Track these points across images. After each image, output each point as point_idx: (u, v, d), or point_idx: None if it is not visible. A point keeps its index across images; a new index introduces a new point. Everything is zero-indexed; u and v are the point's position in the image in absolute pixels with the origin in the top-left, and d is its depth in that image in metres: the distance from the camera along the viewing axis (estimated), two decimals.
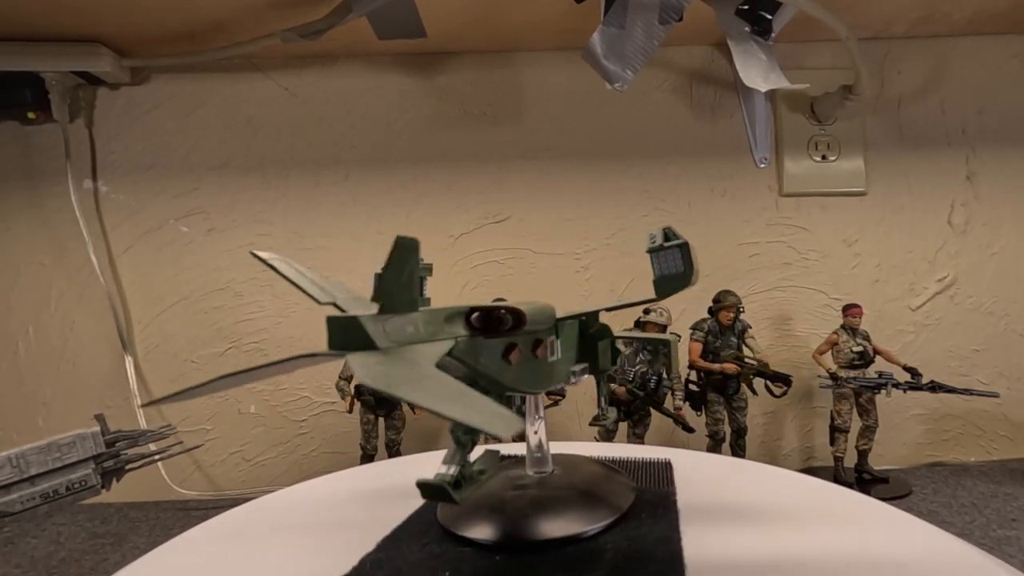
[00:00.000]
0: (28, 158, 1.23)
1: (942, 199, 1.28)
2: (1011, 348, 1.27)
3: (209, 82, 1.24)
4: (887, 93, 1.28)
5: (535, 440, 0.47)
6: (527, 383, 0.39)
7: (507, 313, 0.33)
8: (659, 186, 1.27)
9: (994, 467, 1.22)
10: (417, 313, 0.30)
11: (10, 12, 1.01)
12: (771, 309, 1.28)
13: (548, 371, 0.41)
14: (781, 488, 0.50)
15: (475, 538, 0.40)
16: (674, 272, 0.41)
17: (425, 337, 0.30)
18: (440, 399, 0.24)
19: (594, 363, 0.46)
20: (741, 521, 0.43)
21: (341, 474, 0.62)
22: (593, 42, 0.95)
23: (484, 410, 0.24)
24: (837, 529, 0.42)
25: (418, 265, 0.29)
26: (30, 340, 1.23)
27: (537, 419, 0.46)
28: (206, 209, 1.25)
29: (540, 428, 0.47)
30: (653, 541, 0.39)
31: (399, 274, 0.29)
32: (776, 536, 0.41)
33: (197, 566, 0.44)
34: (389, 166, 1.26)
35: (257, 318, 1.24)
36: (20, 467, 0.50)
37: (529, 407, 0.46)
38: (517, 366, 0.37)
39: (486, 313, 0.33)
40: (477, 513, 0.43)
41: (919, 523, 0.44)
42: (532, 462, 0.47)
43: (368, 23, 1.04)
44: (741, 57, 1.04)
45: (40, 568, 0.91)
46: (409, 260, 0.29)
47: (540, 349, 0.39)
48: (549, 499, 0.43)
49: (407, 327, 0.29)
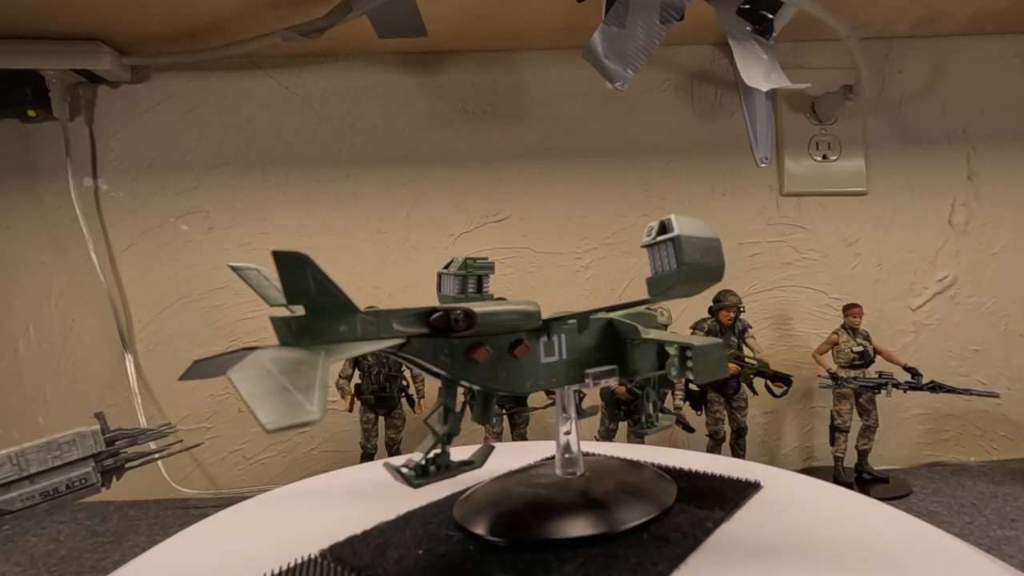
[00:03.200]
0: (28, 156, 1.22)
1: (943, 199, 1.28)
2: (1011, 348, 1.27)
3: (209, 80, 1.24)
4: (888, 93, 1.28)
5: (564, 441, 0.46)
6: (506, 382, 0.39)
7: (461, 314, 0.34)
8: (659, 185, 1.27)
9: (994, 467, 1.22)
10: (363, 314, 0.32)
11: (11, 10, 1.01)
12: (771, 309, 1.28)
13: (535, 371, 0.40)
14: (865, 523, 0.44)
15: (465, 525, 0.42)
16: (667, 270, 0.37)
17: (361, 336, 0.32)
18: (248, 381, 0.26)
19: (624, 366, 0.43)
20: (772, 560, 0.39)
21: (340, 472, 0.62)
22: (594, 41, 0.95)
23: (271, 398, 0.25)
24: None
25: (321, 272, 0.31)
26: (30, 338, 1.23)
27: (566, 419, 0.45)
28: (206, 207, 1.25)
29: (572, 428, 0.46)
30: (622, 569, 0.36)
31: (300, 284, 0.30)
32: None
33: (197, 564, 0.44)
34: (389, 164, 1.26)
35: (257, 316, 1.24)
36: (20, 465, 0.50)
37: (559, 406, 0.45)
38: (489, 365, 0.37)
39: (444, 314, 0.34)
40: (483, 506, 0.44)
41: (919, 523, 0.44)
42: (561, 463, 0.46)
43: (368, 22, 1.04)
44: (742, 56, 1.04)
45: (40, 566, 0.91)
46: (301, 271, 0.30)
47: (519, 349, 0.39)
48: (547, 502, 0.43)
49: (339, 327, 0.32)
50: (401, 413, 1.12)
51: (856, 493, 0.50)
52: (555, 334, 0.41)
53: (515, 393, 0.41)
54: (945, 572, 0.37)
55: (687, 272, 0.36)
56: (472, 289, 0.48)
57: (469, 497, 0.47)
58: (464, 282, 0.48)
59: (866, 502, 0.48)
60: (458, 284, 0.48)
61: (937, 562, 0.38)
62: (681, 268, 0.36)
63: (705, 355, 0.38)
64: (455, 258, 0.48)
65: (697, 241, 0.36)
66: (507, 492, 0.45)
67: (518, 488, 0.45)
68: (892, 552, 0.39)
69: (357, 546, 0.42)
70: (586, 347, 0.42)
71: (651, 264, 0.38)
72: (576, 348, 0.42)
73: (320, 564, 0.40)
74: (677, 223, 0.36)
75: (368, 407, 1.11)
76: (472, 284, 0.48)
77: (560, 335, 0.41)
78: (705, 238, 0.37)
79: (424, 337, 0.35)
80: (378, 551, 0.41)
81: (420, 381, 1.13)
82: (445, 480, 0.37)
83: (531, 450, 0.65)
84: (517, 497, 0.44)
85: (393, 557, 0.39)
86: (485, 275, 0.49)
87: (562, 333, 0.41)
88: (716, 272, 0.37)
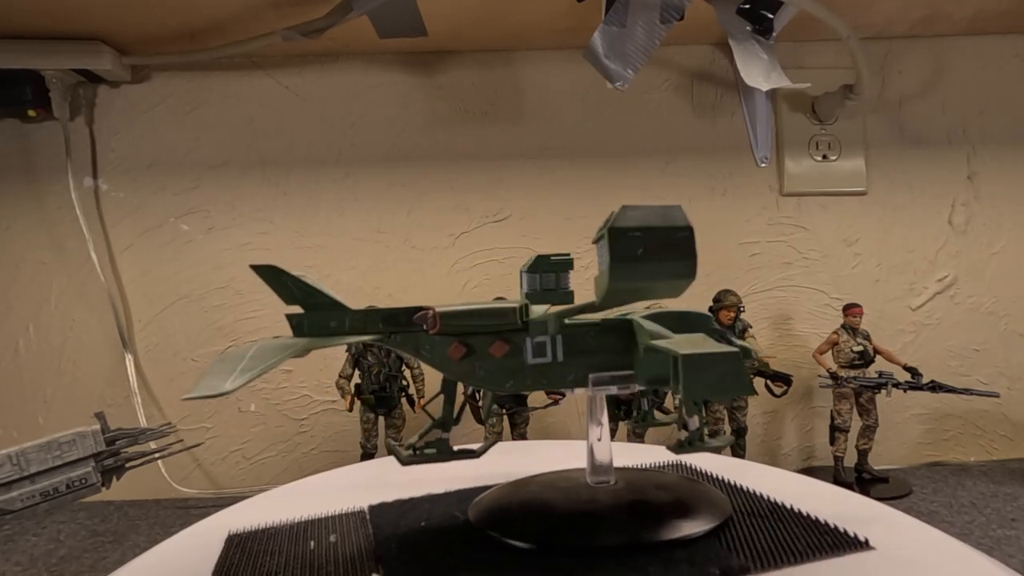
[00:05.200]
0: (28, 156, 1.22)
1: (943, 199, 1.28)
2: (1011, 348, 1.27)
3: (210, 80, 1.24)
4: (888, 93, 1.28)
5: (595, 447, 0.44)
6: (483, 380, 0.40)
7: (429, 314, 0.38)
8: (659, 185, 1.27)
9: (994, 467, 1.22)
10: (354, 312, 0.38)
11: (11, 10, 1.01)
12: (771, 309, 1.28)
13: (519, 372, 0.40)
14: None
15: (471, 519, 0.43)
16: (604, 270, 0.33)
17: (349, 331, 0.38)
18: (214, 363, 0.34)
19: (640, 371, 0.41)
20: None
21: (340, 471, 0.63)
22: (594, 41, 0.95)
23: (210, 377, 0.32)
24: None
25: (296, 279, 0.38)
26: (30, 338, 1.23)
27: (596, 426, 0.44)
28: (206, 207, 1.25)
29: (604, 435, 0.44)
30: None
31: (283, 289, 0.37)
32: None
33: (197, 564, 0.44)
34: (390, 165, 1.26)
35: (257, 316, 1.24)
36: (20, 465, 0.50)
37: (590, 411, 0.44)
38: (467, 362, 0.39)
39: (424, 313, 0.38)
40: (496, 503, 0.44)
41: (919, 523, 0.44)
42: (592, 470, 0.45)
43: (369, 21, 1.04)
44: (742, 56, 1.04)
45: (40, 566, 0.91)
46: (279, 279, 0.37)
47: (494, 348, 0.39)
48: (549, 505, 0.42)
49: (330, 322, 0.38)
50: (401, 413, 1.12)
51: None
52: (542, 335, 0.40)
53: (494, 392, 0.41)
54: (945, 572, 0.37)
55: (620, 272, 0.32)
56: (550, 285, 0.46)
57: (491, 496, 0.47)
58: (540, 279, 0.46)
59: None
60: (535, 281, 0.46)
61: (937, 562, 0.38)
62: (612, 268, 0.32)
63: (697, 368, 0.31)
64: (532, 257, 0.47)
65: (643, 233, 0.31)
66: (535, 497, 0.44)
67: (547, 493, 0.44)
68: (892, 552, 0.39)
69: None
70: (594, 349, 0.41)
71: (598, 264, 0.34)
72: (582, 350, 0.40)
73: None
74: (619, 214, 0.32)
75: (368, 407, 1.11)
76: (549, 280, 0.46)
77: (556, 336, 0.40)
78: (662, 228, 0.32)
79: (406, 333, 0.39)
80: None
81: (420, 381, 1.13)
82: (439, 464, 0.41)
83: (530, 450, 0.65)
84: (545, 503, 0.43)
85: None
86: (563, 271, 0.46)
87: (558, 334, 0.40)
88: (682, 269, 0.32)
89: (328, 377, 1.21)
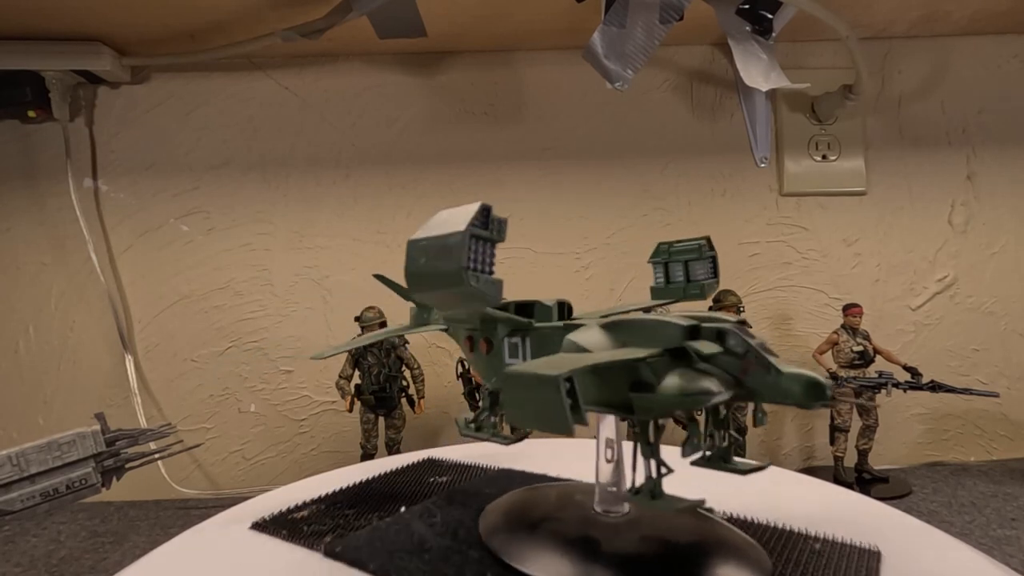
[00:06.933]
0: (28, 157, 1.22)
1: (942, 199, 1.28)
2: (1011, 348, 1.27)
3: (209, 81, 1.24)
4: (887, 93, 1.28)
5: (605, 471, 0.39)
6: (483, 373, 0.41)
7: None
8: (659, 185, 1.27)
9: (994, 467, 1.22)
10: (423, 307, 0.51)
11: (10, 11, 1.01)
12: (771, 309, 1.28)
13: (499, 371, 0.40)
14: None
15: (478, 533, 0.42)
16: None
17: (429, 322, 0.51)
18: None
19: None
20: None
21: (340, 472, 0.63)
22: (594, 41, 0.95)
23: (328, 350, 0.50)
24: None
25: (392, 283, 0.52)
26: (30, 339, 1.23)
27: (608, 445, 0.38)
28: (206, 208, 1.25)
29: (613, 456, 0.38)
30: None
31: (397, 289, 0.54)
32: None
33: (197, 564, 0.44)
34: (390, 165, 1.26)
35: (257, 317, 1.24)
36: (20, 466, 0.50)
37: (598, 428, 0.39)
38: (479, 355, 0.41)
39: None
40: (500, 521, 0.42)
41: (919, 523, 0.44)
42: (601, 498, 0.39)
43: (368, 22, 1.04)
44: (742, 56, 1.04)
45: (40, 567, 0.91)
46: (390, 283, 0.56)
47: (479, 346, 0.40)
48: (556, 536, 0.38)
49: (424, 315, 0.52)
50: (401, 413, 1.12)
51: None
52: (507, 336, 0.38)
53: (487, 384, 0.43)
54: (945, 572, 0.37)
55: (412, 280, 0.31)
56: (679, 278, 0.41)
57: (497, 509, 0.45)
58: (665, 269, 0.42)
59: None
60: (661, 272, 0.42)
61: (937, 562, 0.38)
62: (407, 277, 0.31)
63: (513, 388, 0.26)
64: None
65: (426, 243, 0.31)
66: (536, 527, 0.39)
67: (551, 523, 0.39)
68: (891, 551, 0.39)
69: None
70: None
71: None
72: (548, 353, 0.35)
73: None
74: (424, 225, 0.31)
75: (368, 407, 1.11)
76: (678, 272, 0.41)
77: (524, 338, 0.37)
78: (437, 236, 0.30)
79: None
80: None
81: (420, 381, 1.13)
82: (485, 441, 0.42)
83: (529, 448, 0.65)
84: (549, 533, 0.38)
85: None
86: (693, 259, 0.41)
87: (526, 336, 0.37)
88: (448, 278, 0.30)
89: (328, 378, 1.21)
